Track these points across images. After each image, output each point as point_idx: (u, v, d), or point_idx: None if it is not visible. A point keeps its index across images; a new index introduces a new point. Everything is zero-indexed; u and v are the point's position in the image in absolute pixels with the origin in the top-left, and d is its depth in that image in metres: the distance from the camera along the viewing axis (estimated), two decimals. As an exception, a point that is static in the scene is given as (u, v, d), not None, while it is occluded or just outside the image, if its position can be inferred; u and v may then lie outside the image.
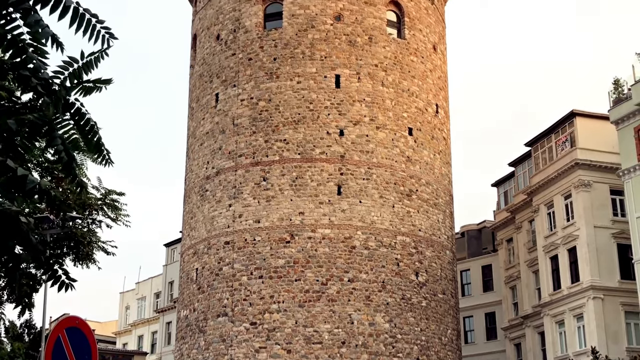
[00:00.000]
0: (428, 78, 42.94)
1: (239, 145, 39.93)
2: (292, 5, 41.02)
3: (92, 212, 21.47)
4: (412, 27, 42.76)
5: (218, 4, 43.42)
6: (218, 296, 38.45)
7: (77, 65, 6.36)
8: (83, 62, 6.38)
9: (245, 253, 38.26)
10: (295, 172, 38.63)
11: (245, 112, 40.26)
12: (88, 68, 6.40)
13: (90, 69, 6.41)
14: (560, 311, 43.06)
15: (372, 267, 37.91)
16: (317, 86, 39.80)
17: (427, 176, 41.25)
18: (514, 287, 51.62)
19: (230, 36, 42.05)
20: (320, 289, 37.08)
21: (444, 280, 40.88)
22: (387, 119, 40.26)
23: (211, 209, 40.29)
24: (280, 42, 40.65)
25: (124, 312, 76.35)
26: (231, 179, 39.72)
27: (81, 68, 6.37)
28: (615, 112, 40.81)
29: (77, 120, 6.35)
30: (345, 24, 40.86)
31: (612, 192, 42.79)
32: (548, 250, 44.73)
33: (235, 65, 41.32)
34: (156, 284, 70.74)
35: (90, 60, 6.41)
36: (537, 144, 47.78)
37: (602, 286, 40.97)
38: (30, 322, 33.76)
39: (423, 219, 40.35)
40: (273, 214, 38.30)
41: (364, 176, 38.95)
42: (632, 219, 39.09)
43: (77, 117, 6.34)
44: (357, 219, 38.34)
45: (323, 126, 39.24)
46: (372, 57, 40.73)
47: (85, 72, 6.40)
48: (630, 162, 39.40)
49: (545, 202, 45.56)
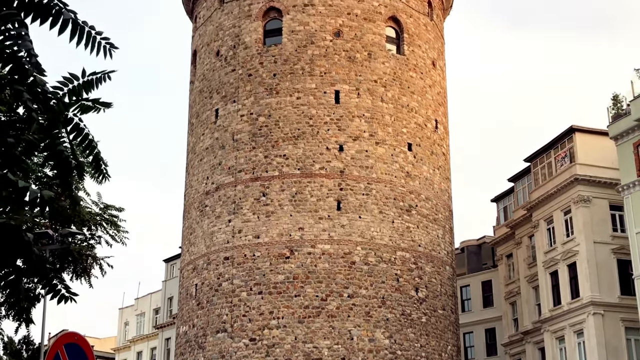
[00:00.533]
0: (427, 94, 43.06)
1: (239, 161, 39.97)
2: (292, 22, 41.20)
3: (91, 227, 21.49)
4: (411, 43, 42.92)
5: (218, 20, 43.60)
6: (217, 312, 38.36)
7: (77, 83, 6.38)
8: (84, 80, 6.40)
9: (244, 269, 38.20)
10: (295, 188, 38.65)
11: (245, 128, 40.34)
12: (89, 87, 6.42)
13: (91, 88, 6.43)
14: (560, 327, 42.93)
15: (371, 282, 37.84)
16: (316, 102, 39.90)
17: (426, 191, 41.27)
18: (514, 302, 51.49)
19: (230, 52, 42.20)
20: (320, 305, 37.00)
21: (443, 296, 40.79)
22: (386, 134, 40.33)
23: (210, 224, 40.27)
24: (280, 58, 40.79)
25: (123, 328, 76.09)
26: (231, 195, 39.73)
27: (81, 86, 6.39)
28: (615, 128, 40.86)
29: (75, 135, 6.36)
30: (344, 40, 41.02)
31: (612, 207, 42.76)
32: (548, 265, 44.66)
33: (235, 81, 41.44)
34: (155, 300, 70.56)
35: (91, 79, 6.43)
36: (537, 160, 47.81)
37: (602, 302, 40.87)
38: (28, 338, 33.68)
39: (423, 235, 40.33)
40: (272, 229, 38.28)
41: (363, 191, 38.96)
42: (631, 235, 39.04)
43: (76, 132, 6.36)
44: (357, 235, 38.32)
45: (323, 142, 39.30)
46: (371, 73, 40.85)
47: (86, 91, 6.42)
48: (629, 178, 39.41)
49: (545, 217, 45.53)
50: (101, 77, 6.44)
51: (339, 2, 41.51)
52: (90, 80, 6.41)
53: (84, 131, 6.41)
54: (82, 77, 6.40)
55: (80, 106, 6.47)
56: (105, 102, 6.67)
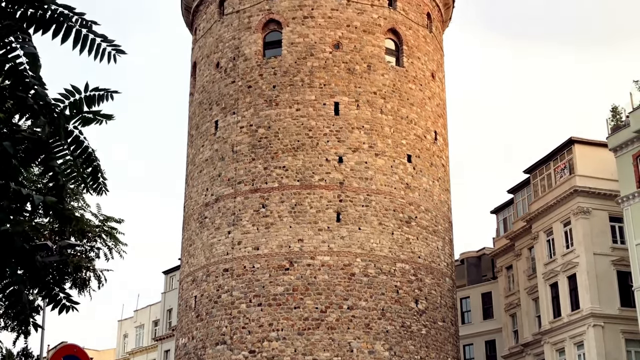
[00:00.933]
0: (427, 105, 43.13)
1: (238, 172, 39.99)
2: (292, 34, 41.32)
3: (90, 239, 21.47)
4: (410, 55, 43.03)
5: (218, 32, 43.73)
6: (217, 324, 38.27)
7: (79, 96, 6.40)
8: (86, 94, 6.43)
9: (244, 280, 38.15)
10: (295, 199, 38.65)
11: (245, 139, 40.38)
12: (90, 102, 6.45)
13: (93, 104, 6.46)
14: (560, 339, 42.85)
15: (371, 294, 37.79)
16: (316, 113, 39.96)
17: (426, 203, 41.27)
18: (514, 314, 51.41)
19: (230, 64, 42.30)
20: (319, 317, 36.93)
21: (443, 308, 40.72)
22: (386, 146, 40.37)
23: (210, 236, 40.24)
24: (280, 70, 40.88)
25: (122, 340, 75.88)
26: (230, 206, 39.72)
27: (82, 100, 6.41)
28: (614, 140, 40.91)
29: (75, 148, 6.39)
30: (344, 52, 41.12)
31: (612, 219, 42.76)
32: (548, 277, 44.61)
33: (235, 93, 41.52)
34: (154, 312, 70.40)
35: (93, 95, 6.46)
36: (536, 171, 47.84)
37: (602, 314, 40.82)
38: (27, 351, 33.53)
39: (422, 246, 40.30)
40: (272, 241, 38.25)
41: (363, 203, 38.96)
42: (631, 246, 39.02)
43: (75, 145, 6.38)
44: (357, 246, 38.28)
45: (322, 153, 39.33)
46: (370, 84, 40.94)
47: (87, 106, 6.45)
48: (629, 189, 39.42)
49: (545, 229, 45.52)
50: (104, 95, 6.47)
51: (339, 15, 41.65)
52: (92, 95, 6.44)
53: (84, 144, 6.44)
54: (85, 92, 6.43)
55: (81, 118, 6.49)
56: (107, 114, 6.69)
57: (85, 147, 6.45)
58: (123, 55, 6.34)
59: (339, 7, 41.75)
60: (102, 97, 6.47)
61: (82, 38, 6.11)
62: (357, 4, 42.02)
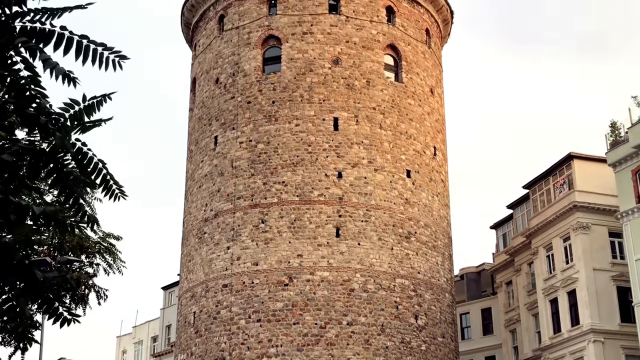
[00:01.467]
0: (426, 121, 43.20)
1: (238, 188, 39.98)
2: (291, 50, 41.44)
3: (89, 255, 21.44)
4: (409, 70, 43.15)
5: (217, 48, 43.86)
6: (216, 340, 38.13)
7: (78, 108, 6.43)
8: (85, 104, 6.45)
9: (243, 296, 38.04)
10: (294, 215, 38.62)
11: (244, 155, 40.40)
12: (90, 111, 6.47)
13: (92, 112, 6.49)
14: (560, 355, 42.68)
15: (371, 310, 37.68)
16: (315, 129, 40.01)
17: (425, 218, 41.24)
18: (514, 330, 51.25)
19: (230, 80, 42.40)
20: (318, 333, 36.80)
21: (443, 324, 40.60)
22: (385, 161, 40.40)
23: (209, 251, 40.17)
24: (279, 86, 40.98)
25: (120, 356, 75.54)
26: (229, 222, 39.68)
27: (82, 110, 6.44)
28: (613, 155, 40.95)
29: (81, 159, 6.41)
30: (343, 67, 41.24)
31: (611, 234, 42.72)
32: (548, 293, 44.51)
33: (234, 108, 41.59)
34: (153, 328, 70.14)
35: (92, 103, 6.48)
36: (535, 187, 47.85)
37: (602, 329, 40.70)
38: (25, 367, 33.37)
39: (422, 262, 40.23)
40: (271, 256, 38.18)
41: (362, 218, 38.93)
42: (631, 262, 38.96)
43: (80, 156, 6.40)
44: (356, 262, 38.21)
45: (321, 168, 39.35)
46: (370, 100, 41.02)
47: (88, 115, 6.47)
48: (628, 205, 39.40)
49: (544, 244, 45.46)
50: (101, 99, 6.50)
51: (338, 31, 41.80)
52: (91, 104, 6.47)
53: (88, 155, 6.46)
54: (83, 102, 6.45)
55: (81, 127, 6.52)
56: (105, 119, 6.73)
57: (90, 158, 6.48)
58: (127, 60, 6.37)
59: (338, 23, 41.91)
60: (100, 102, 6.51)
61: (84, 49, 6.14)
62: (356, 20, 42.19)
